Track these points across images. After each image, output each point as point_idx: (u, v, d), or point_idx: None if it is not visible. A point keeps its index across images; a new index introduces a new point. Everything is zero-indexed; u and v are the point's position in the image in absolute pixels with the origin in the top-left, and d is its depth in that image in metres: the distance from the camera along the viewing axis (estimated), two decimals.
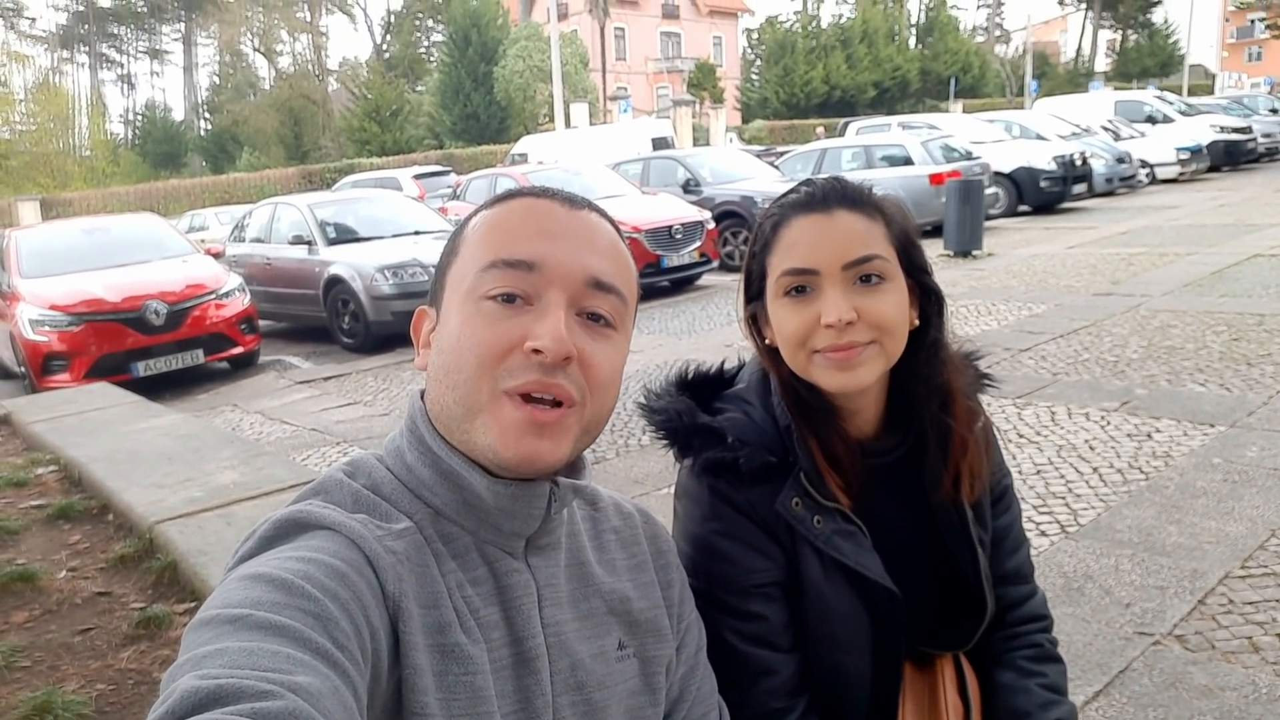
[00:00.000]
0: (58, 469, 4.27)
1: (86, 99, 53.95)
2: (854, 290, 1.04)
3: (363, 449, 5.40)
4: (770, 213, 1.12)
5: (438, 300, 0.87)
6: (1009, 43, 64.73)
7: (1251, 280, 7.76)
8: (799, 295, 1.06)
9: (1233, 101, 24.38)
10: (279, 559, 0.70)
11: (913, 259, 1.10)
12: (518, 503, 0.82)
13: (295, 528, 0.75)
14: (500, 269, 0.81)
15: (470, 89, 41.53)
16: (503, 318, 0.80)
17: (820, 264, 1.04)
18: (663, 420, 1.15)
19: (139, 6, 61.70)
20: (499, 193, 0.91)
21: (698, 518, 1.14)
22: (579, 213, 0.87)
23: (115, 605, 2.83)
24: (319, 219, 9.60)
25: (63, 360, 7.36)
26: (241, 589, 0.66)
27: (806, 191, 1.10)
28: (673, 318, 8.78)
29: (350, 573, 0.70)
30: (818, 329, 1.04)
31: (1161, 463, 4.03)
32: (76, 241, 8.76)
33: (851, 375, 1.04)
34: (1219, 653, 2.58)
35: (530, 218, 0.85)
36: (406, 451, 0.85)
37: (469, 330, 0.81)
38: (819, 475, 1.10)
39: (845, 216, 1.05)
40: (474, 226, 0.87)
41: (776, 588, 1.11)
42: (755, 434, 1.12)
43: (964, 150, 13.92)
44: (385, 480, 0.83)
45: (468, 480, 0.81)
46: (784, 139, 35.81)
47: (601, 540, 0.95)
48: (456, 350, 0.81)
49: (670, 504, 1.21)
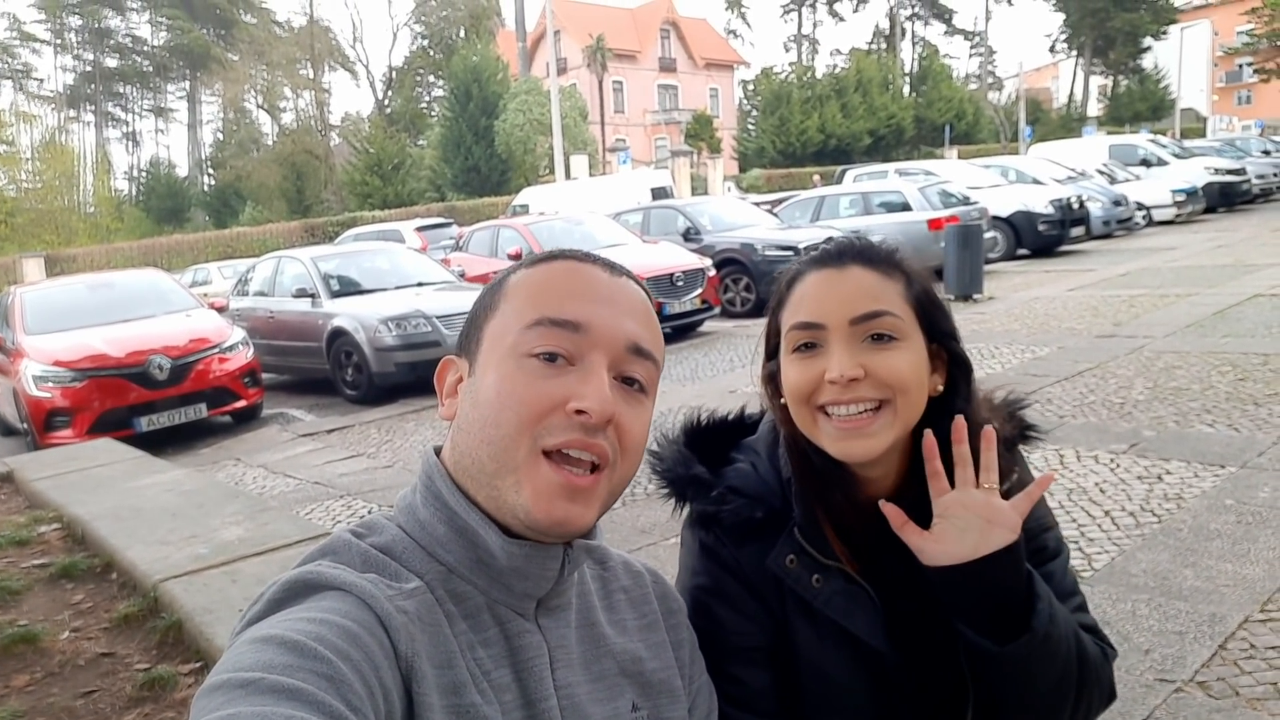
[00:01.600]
0: (60, 527, 4.23)
1: (92, 156, 54.62)
2: (863, 348, 1.01)
3: (366, 501, 5.37)
4: (789, 270, 1.11)
5: (471, 352, 0.87)
6: (1001, 89, 65.64)
7: (1254, 320, 7.76)
8: (808, 351, 1.03)
9: (1226, 144, 24.65)
10: (289, 621, 0.69)
11: (935, 322, 1.06)
12: (531, 563, 0.81)
13: (305, 589, 0.74)
14: (546, 327, 0.82)
15: (471, 142, 42.04)
16: (546, 376, 0.80)
17: (826, 318, 1.02)
18: (663, 469, 1.14)
19: (145, 66, 62.74)
20: (539, 253, 0.92)
21: (688, 569, 1.13)
22: (620, 279, 0.89)
23: (119, 666, 2.78)
24: (322, 271, 9.66)
25: (65, 416, 7.34)
26: (252, 652, 0.65)
27: (824, 248, 1.08)
28: (676, 364, 8.78)
29: (362, 633, 0.70)
30: (822, 384, 1.01)
31: (1174, 505, 3.99)
32: (80, 297, 8.81)
33: (860, 443, 1.01)
34: (1243, 699, 2.53)
35: (576, 280, 0.86)
36: (420, 508, 0.84)
37: (510, 386, 0.80)
38: (818, 532, 1.06)
39: (858, 272, 1.04)
40: (516, 283, 0.87)
41: (760, 653, 1.08)
42: (755, 486, 1.09)
43: (961, 195, 14.04)
44: (397, 539, 0.82)
45: (483, 538, 0.80)
46: (781, 187, 36.12)
47: (611, 600, 0.94)
48: (496, 405, 0.81)
49: (678, 554, 1.20)
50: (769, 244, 11.78)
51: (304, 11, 65.92)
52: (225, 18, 60.77)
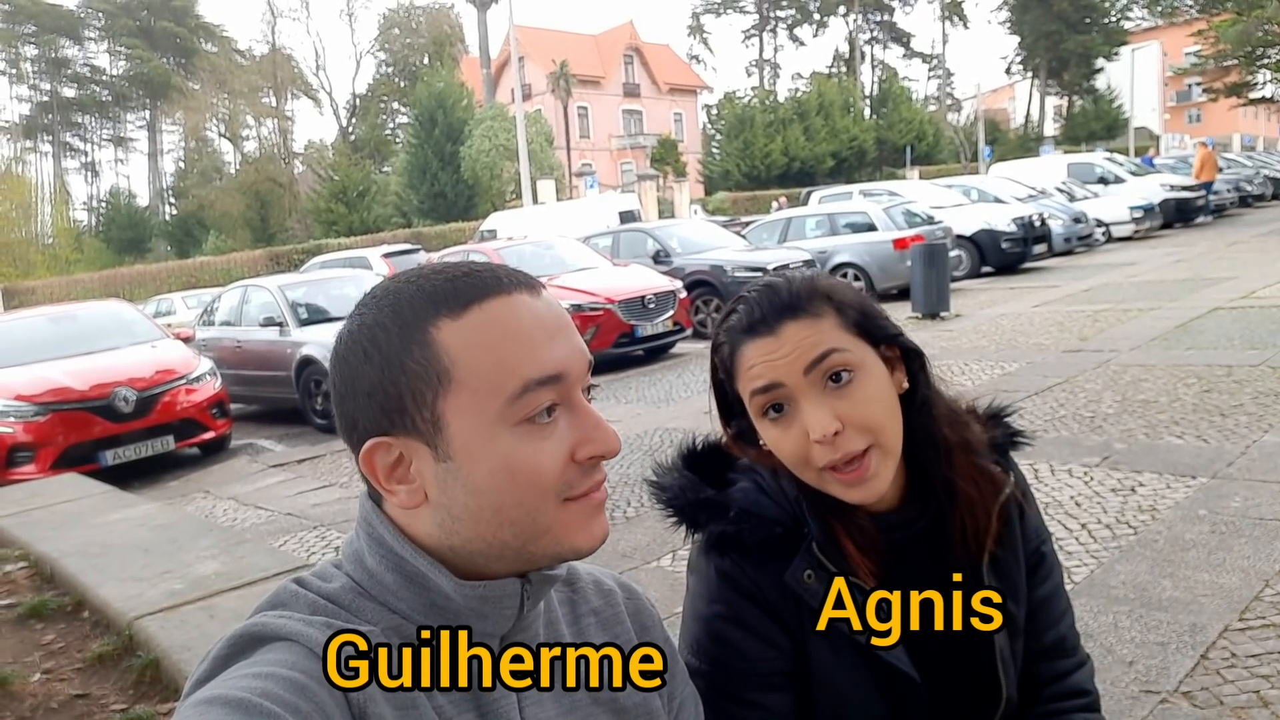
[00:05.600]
0: (27, 565, 4.12)
1: (49, 187, 53.85)
2: (828, 394, 1.01)
3: (341, 532, 5.29)
4: (720, 340, 1.09)
5: (423, 434, 0.76)
6: (960, 111, 66.81)
7: (1215, 333, 7.92)
8: (778, 414, 1.03)
9: (1180, 161, 25.22)
10: (235, 679, 0.68)
11: (875, 330, 1.06)
12: (487, 604, 0.78)
13: (251, 642, 0.72)
14: (534, 391, 0.75)
15: (437, 168, 41.98)
16: (546, 437, 0.76)
17: (782, 378, 1.01)
18: (669, 497, 1.12)
19: (103, 96, 62.08)
20: (438, 283, 0.78)
21: (703, 597, 1.10)
22: (546, 297, 0.81)
23: (95, 708, 2.71)
24: (290, 300, 9.56)
25: (28, 451, 7.16)
26: (197, 716, 0.64)
27: (745, 311, 1.06)
28: (649, 386, 8.78)
29: (310, 683, 0.68)
30: (812, 445, 1.01)
31: (1148, 516, 4.04)
32: (42, 330, 8.62)
33: (867, 489, 1.02)
34: (1228, 708, 2.56)
35: (524, 321, 0.77)
36: (366, 555, 0.79)
37: (518, 462, 0.75)
38: (835, 546, 1.05)
39: (791, 328, 1.02)
40: (461, 346, 0.75)
41: (780, 677, 1.07)
42: (765, 504, 1.08)
43: (925, 215, 14.23)
44: (345, 588, 0.79)
45: (435, 581, 0.77)
46: (746, 209, 36.42)
47: (580, 625, 0.91)
48: (511, 487, 0.75)
49: (661, 578, 1.20)
50: (739, 265, 11.87)
51: (266, 40, 66.03)
52: (186, 47, 60.37)
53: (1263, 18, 26.21)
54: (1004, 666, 1.10)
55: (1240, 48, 29.03)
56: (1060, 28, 54.77)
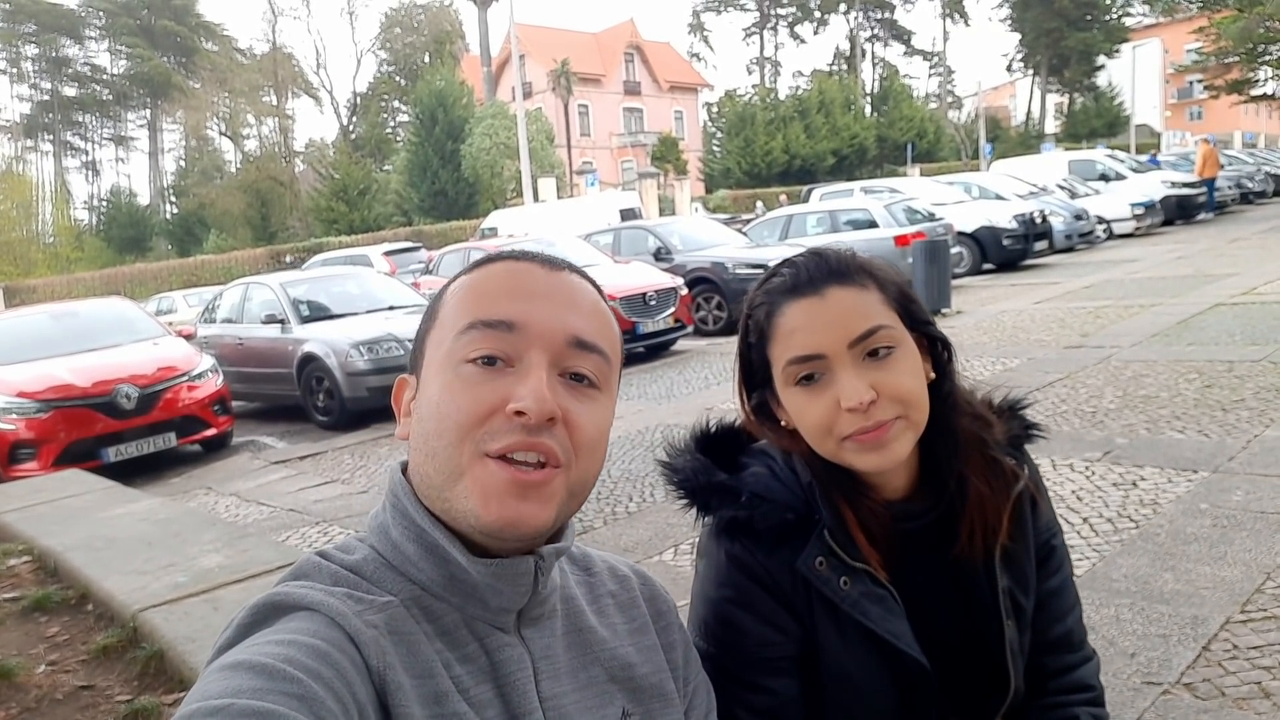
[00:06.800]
0: (31, 559, 4.13)
1: (50, 186, 53.85)
2: (866, 366, 1.00)
3: (343, 528, 5.30)
4: (758, 301, 1.07)
5: (417, 368, 0.86)
6: (961, 108, 66.86)
7: (1216, 329, 7.92)
8: (811, 383, 1.02)
9: (1181, 158, 25.20)
10: (258, 645, 0.69)
11: (914, 315, 1.06)
12: (501, 579, 0.79)
13: (273, 611, 0.73)
14: (479, 330, 0.80)
15: (438, 166, 41.96)
16: (483, 381, 0.78)
17: (825, 348, 1.00)
18: (681, 479, 1.12)
19: (104, 95, 62.08)
20: (477, 258, 0.90)
21: (713, 581, 1.10)
22: (559, 273, 0.85)
23: (100, 699, 2.72)
24: (292, 297, 9.56)
25: (30, 448, 7.18)
26: (221, 680, 0.65)
27: (790, 273, 1.05)
28: (650, 383, 8.79)
29: (332, 650, 0.69)
30: (840, 414, 0.99)
31: (1150, 510, 4.05)
32: (44, 327, 8.63)
33: (884, 454, 1.01)
34: (1230, 700, 2.56)
35: (509, 279, 0.83)
36: (391, 527, 0.82)
37: (449, 395, 0.79)
38: (846, 534, 1.05)
39: (838, 294, 1.01)
40: (453, 291, 0.86)
41: (789, 661, 1.07)
42: (777, 490, 1.08)
43: (927, 212, 14.22)
44: (367, 559, 0.81)
45: (453, 555, 0.78)
46: (747, 207, 36.40)
47: (600, 605, 0.93)
48: (437, 417, 0.79)
49: (664, 571, 1.20)
50: (740, 262, 11.87)
51: (266, 38, 65.97)
52: (186, 45, 60.38)
53: (1264, 14, 26.20)
54: (1013, 657, 1.10)
55: (1241, 44, 29.02)
56: (1061, 25, 54.72)
